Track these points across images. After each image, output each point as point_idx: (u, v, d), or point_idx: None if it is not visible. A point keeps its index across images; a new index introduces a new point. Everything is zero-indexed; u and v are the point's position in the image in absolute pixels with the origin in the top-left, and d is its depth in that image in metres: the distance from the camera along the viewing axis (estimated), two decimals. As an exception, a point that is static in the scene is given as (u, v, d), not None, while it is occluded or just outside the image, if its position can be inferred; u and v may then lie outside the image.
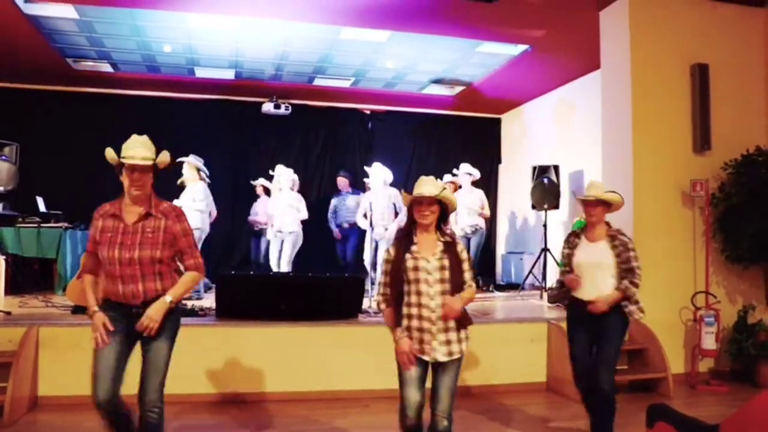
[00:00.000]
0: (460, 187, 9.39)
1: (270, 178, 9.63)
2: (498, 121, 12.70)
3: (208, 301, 7.00)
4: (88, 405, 5.19)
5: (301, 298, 6.20)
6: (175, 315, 3.58)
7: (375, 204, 8.44)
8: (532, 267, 9.87)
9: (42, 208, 8.80)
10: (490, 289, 10.07)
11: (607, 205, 4.50)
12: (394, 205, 8.67)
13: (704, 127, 6.73)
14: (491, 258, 12.09)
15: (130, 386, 3.67)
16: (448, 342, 3.46)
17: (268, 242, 9.32)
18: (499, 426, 5.01)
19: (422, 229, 3.56)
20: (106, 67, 9.87)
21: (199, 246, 7.68)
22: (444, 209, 3.58)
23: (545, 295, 8.45)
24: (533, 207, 9.79)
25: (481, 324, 6.30)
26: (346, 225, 9.92)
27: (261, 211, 9.99)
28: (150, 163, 3.57)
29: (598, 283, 4.41)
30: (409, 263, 3.50)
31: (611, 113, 7.07)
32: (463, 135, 12.31)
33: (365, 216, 8.37)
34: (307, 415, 5.28)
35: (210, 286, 8.62)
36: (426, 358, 3.46)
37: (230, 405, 5.51)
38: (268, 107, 11.07)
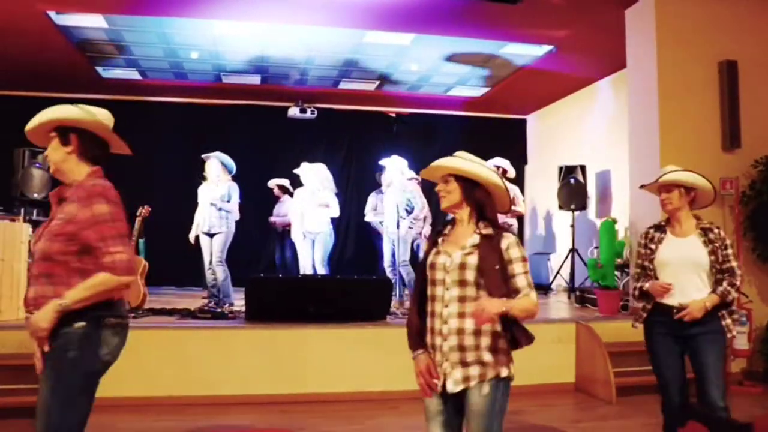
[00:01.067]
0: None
1: (291, 178, 9.45)
2: (523, 122, 12.66)
3: (238, 304, 7.08)
4: (121, 405, 5.33)
5: (329, 300, 6.24)
6: (72, 336, 2.52)
7: (387, 200, 8.04)
8: (560, 268, 9.83)
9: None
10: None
11: (687, 190, 3.74)
12: (409, 200, 7.99)
13: (733, 124, 6.66)
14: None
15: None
16: (464, 364, 2.58)
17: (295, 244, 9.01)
18: (529, 426, 5.00)
19: (456, 218, 2.77)
20: (135, 75, 10.05)
21: (227, 248, 7.71)
22: (473, 191, 2.70)
23: (573, 295, 8.40)
24: (560, 207, 9.75)
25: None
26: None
27: (284, 211, 9.72)
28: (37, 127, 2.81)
29: (688, 287, 3.64)
30: (429, 260, 2.72)
31: (638, 112, 7.02)
32: (489, 136, 12.24)
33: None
34: (336, 416, 5.31)
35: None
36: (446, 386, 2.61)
37: (261, 406, 5.56)
38: (293, 111, 11.16)
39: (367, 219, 8.99)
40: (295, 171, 8.82)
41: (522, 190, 12.36)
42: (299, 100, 11.17)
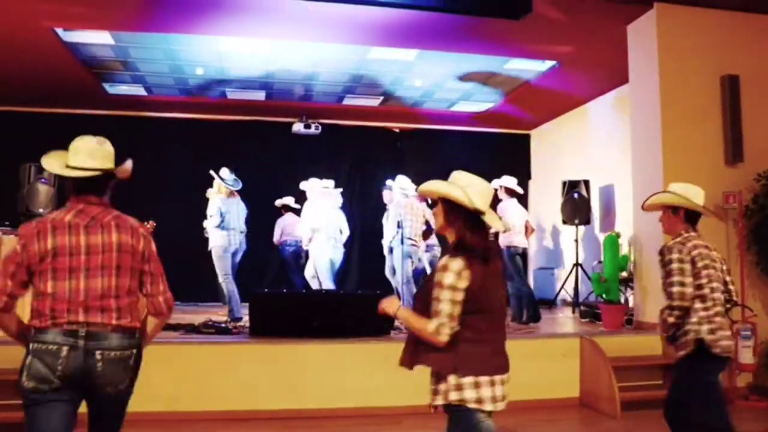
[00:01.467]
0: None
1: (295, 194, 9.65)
2: (527, 137, 12.69)
3: (243, 319, 7.09)
4: (131, 421, 5.32)
5: (334, 315, 6.25)
6: None
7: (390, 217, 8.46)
8: (564, 282, 9.82)
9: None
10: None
11: (674, 210, 3.93)
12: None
13: (736, 138, 6.68)
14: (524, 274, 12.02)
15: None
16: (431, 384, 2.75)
17: (303, 260, 9.24)
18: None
19: None
20: (140, 91, 10.13)
21: (224, 264, 7.85)
22: (453, 213, 2.72)
23: (577, 310, 8.38)
24: (564, 222, 9.76)
25: (513, 339, 6.28)
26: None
27: (290, 226, 9.84)
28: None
29: None
30: None
31: (640, 127, 7.05)
32: (493, 151, 12.29)
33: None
34: (339, 431, 5.30)
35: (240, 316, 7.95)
36: None
37: (264, 422, 5.56)
38: (298, 127, 11.22)
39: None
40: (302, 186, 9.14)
41: (526, 205, 12.39)
42: (304, 116, 11.22)
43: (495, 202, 8.53)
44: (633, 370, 6.29)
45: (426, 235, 8.43)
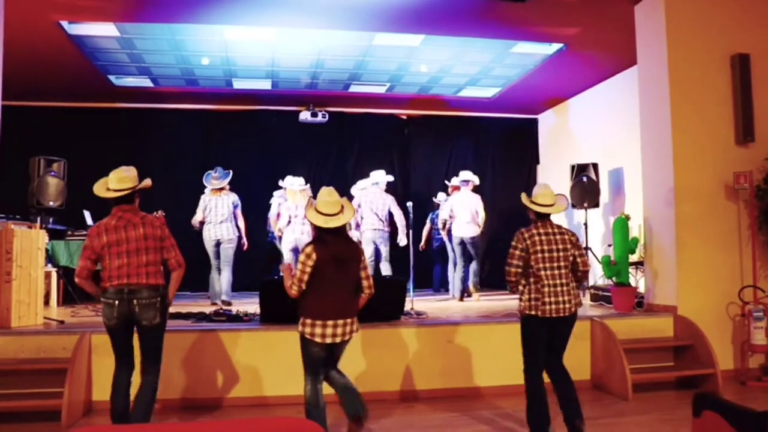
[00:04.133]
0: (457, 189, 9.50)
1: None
2: (535, 122, 12.63)
3: (253, 306, 7.11)
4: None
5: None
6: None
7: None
8: (574, 266, 9.78)
9: (89, 221, 9.05)
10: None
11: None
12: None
13: (746, 118, 6.62)
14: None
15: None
16: None
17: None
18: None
19: None
20: (146, 82, 10.13)
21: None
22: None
23: (587, 293, 8.37)
24: (573, 206, 9.71)
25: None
26: None
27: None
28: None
29: None
30: None
31: (649, 108, 7.00)
32: (500, 136, 12.27)
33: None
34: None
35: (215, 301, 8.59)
36: None
37: (277, 408, 5.59)
38: (305, 116, 11.22)
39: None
40: (280, 183, 9.38)
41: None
42: (310, 104, 11.22)
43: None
44: (644, 352, 6.28)
45: None
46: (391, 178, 9.34)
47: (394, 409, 5.51)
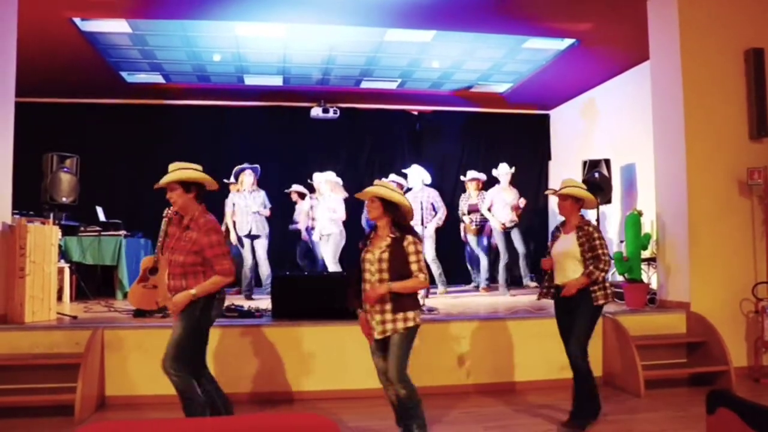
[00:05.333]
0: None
1: (308, 186, 9.96)
2: (546, 117, 12.58)
3: (265, 302, 7.13)
4: (152, 404, 5.41)
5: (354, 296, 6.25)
6: (197, 305, 4.16)
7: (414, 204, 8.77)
8: (586, 263, 9.74)
9: (102, 217, 9.11)
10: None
11: (576, 200, 4.88)
12: (433, 204, 9.10)
13: (761, 113, 6.56)
14: (545, 254, 11.94)
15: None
16: (383, 322, 4.10)
17: (306, 244, 9.91)
18: (558, 420, 4.97)
19: (378, 226, 4.23)
20: (158, 79, 10.17)
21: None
22: (389, 206, 4.14)
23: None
24: (585, 202, 9.66)
25: (536, 319, 6.28)
26: None
27: (298, 216, 10.16)
28: (165, 184, 4.23)
29: (567, 271, 4.81)
30: (362, 256, 4.23)
31: (662, 103, 6.95)
32: (512, 132, 12.22)
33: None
34: (363, 411, 5.33)
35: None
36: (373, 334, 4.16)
37: (289, 403, 5.60)
38: (316, 112, 11.22)
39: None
40: (309, 181, 9.68)
41: (546, 186, 12.34)
42: (322, 100, 11.22)
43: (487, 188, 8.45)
44: (656, 348, 6.25)
45: None
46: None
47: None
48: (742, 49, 6.65)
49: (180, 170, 4.24)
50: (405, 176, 9.51)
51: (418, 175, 9.20)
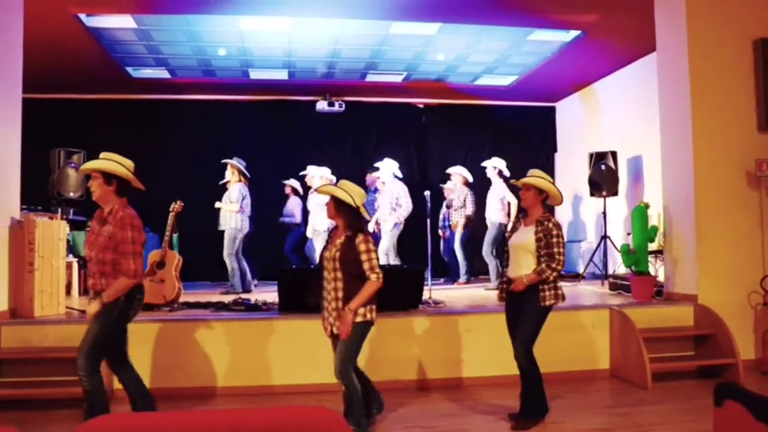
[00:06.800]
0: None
1: (301, 178, 10.01)
2: (552, 110, 12.54)
3: (272, 295, 7.15)
4: (160, 397, 5.43)
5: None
6: (111, 306, 4.02)
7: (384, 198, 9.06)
8: (593, 255, 9.74)
9: (109, 212, 9.13)
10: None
11: (540, 192, 4.69)
12: (397, 200, 9.06)
13: (769, 104, 6.52)
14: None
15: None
16: (336, 318, 4.23)
17: (297, 238, 9.94)
18: (565, 413, 4.97)
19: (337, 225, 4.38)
20: (164, 74, 10.18)
21: (236, 244, 8.46)
22: (342, 206, 4.25)
23: (607, 282, 8.33)
24: (591, 194, 9.66)
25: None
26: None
27: (289, 211, 10.15)
28: (85, 170, 4.27)
29: (521, 264, 4.62)
30: (321, 254, 4.43)
31: (669, 95, 6.91)
32: (518, 125, 12.19)
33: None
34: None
35: (250, 289, 8.78)
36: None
37: (295, 396, 5.62)
38: (322, 105, 11.22)
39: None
40: (302, 173, 9.71)
41: (552, 178, 12.26)
42: (327, 94, 11.21)
43: (486, 181, 8.58)
44: (663, 341, 6.24)
45: None
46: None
47: (410, 398, 5.52)
48: (751, 39, 6.61)
49: (105, 161, 4.20)
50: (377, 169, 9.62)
51: (389, 168, 9.21)
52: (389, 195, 9.05)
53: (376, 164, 9.61)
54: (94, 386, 4.02)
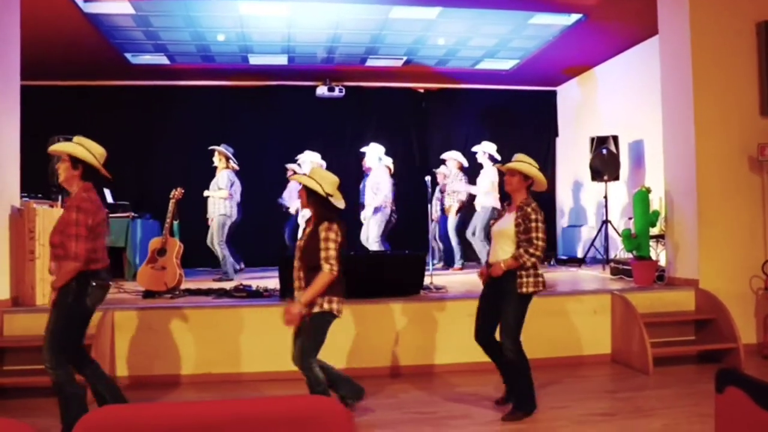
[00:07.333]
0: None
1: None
2: (553, 94, 12.49)
3: (273, 282, 7.16)
4: (162, 384, 5.46)
5: (361, 276, 6.25)
6: (64, 292, 3.94)
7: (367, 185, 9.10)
8: (594, 240, 9.74)
9: (109, 199, 9.13)
10: (551, 263, 10.00)
11: (525, 178, 4.59)
12: (378, 185, 9.02)
13: (772, 88, 6.48)
14: (552, 232, 11.96)
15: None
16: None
17: (294, 226, 9.89)
18: (566, 398, 4.99)
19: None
20: (163, 60, 10.13)
21: (225, 231, 8.48)
22: (312, 195, 4.21)
23: (608, 267, 8.33)
24: (593, 179, 9.64)
25: (543, 297, 6.23)
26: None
27: (288, 194, 10.13)
28: (54, 153, 4.24)
29: (500, 251, 4.56)
30: (297, 243, 4.42)
31: (671, 78, 6.87)
32: (519, 109, 12.15)
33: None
34: (372, 390, 5.34)
35: (237, 269, 8.95)
36: None
37: (299, 382, 5.63)
38: (322, 91, 11.18)
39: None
40: (297, 157, 9.62)
41: (553, 163, 12.30)
42: (327, 79, 11.17)
43: (479, 166, 8.58)
44: (665, 326, 6.24)
45: None
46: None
47: (412, 383, 5.53)
48: (754, 22, 6.55)
49: (74, 145, 4.12)
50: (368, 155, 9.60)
51: (374, 153, 9.15)
52: (371, 180, 9.01)
53: (363, 149, 9.55)
54: (62, 378, 3.91)
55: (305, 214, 8.93)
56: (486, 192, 9.21)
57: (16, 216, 5.94)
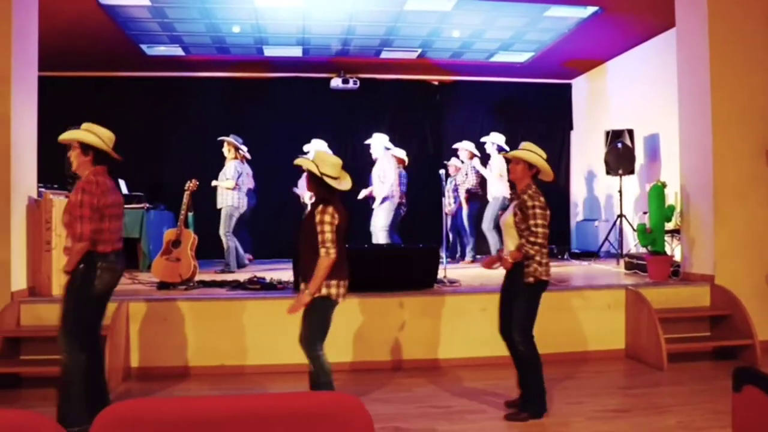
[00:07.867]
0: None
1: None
2: (569, 87, 12.41)
3: (287, 274, 7.18)
4: (176, 375, 5.50)
5: (376, 269, 6.27)
6: (74, 274, 3.99)
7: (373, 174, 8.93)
8: (608, 234, 9.69)
9: (124, 190, 9.17)
10: (565, 257, 9.96)
11: (530, 167, 4.48)
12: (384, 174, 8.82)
13: (790, 81, 6.40)
14: (566, 226, 11.92)
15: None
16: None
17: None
18: (580, 393, 4.98)
19: None
20: (178, 51, 10.15)
21: (232, 222, 8.52)
22: (314, 179, 4.13)
23: (622, 262, 8.29)
24: (607, 173, 9.58)
25: (557, 291, 6.25)
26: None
27: (301, 184, 10.10)
28: (64, 141, 4.24)
29: (508, 243, 4.55)
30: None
31: (687, 71, 6.81)
32: (533, 102, 12.09)
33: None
34: (383, 383, 5.37)
35: (244, 263, 8.98)
36: None
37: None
38: (336, 83, 11.17)
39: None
40: (305, 147, 9.40)
41: (568, 156, 12.24)
42: (341, 71, 11.15)
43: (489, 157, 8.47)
44: (679, 321, 6.22)
45: None
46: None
47: (426, 377, 5.54)
48: (773, 15, 6.48)
49: (82, 131, 4.18)
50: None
51: (379, 142, 9.04)
52: (377, 168, 8.90)
53: (367, 141, 9.50)
54: (71, 364, 3.92)
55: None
56: (495, 182, 9.18)
57: (33, 207, 5.99)
